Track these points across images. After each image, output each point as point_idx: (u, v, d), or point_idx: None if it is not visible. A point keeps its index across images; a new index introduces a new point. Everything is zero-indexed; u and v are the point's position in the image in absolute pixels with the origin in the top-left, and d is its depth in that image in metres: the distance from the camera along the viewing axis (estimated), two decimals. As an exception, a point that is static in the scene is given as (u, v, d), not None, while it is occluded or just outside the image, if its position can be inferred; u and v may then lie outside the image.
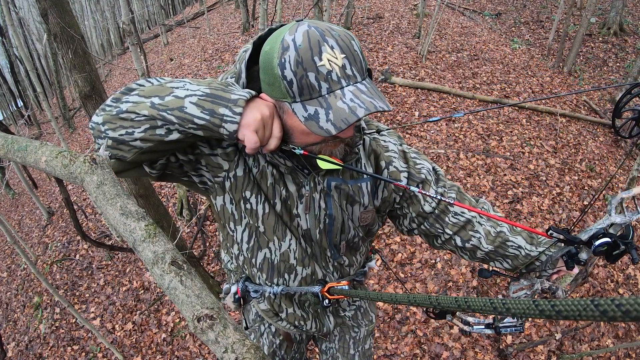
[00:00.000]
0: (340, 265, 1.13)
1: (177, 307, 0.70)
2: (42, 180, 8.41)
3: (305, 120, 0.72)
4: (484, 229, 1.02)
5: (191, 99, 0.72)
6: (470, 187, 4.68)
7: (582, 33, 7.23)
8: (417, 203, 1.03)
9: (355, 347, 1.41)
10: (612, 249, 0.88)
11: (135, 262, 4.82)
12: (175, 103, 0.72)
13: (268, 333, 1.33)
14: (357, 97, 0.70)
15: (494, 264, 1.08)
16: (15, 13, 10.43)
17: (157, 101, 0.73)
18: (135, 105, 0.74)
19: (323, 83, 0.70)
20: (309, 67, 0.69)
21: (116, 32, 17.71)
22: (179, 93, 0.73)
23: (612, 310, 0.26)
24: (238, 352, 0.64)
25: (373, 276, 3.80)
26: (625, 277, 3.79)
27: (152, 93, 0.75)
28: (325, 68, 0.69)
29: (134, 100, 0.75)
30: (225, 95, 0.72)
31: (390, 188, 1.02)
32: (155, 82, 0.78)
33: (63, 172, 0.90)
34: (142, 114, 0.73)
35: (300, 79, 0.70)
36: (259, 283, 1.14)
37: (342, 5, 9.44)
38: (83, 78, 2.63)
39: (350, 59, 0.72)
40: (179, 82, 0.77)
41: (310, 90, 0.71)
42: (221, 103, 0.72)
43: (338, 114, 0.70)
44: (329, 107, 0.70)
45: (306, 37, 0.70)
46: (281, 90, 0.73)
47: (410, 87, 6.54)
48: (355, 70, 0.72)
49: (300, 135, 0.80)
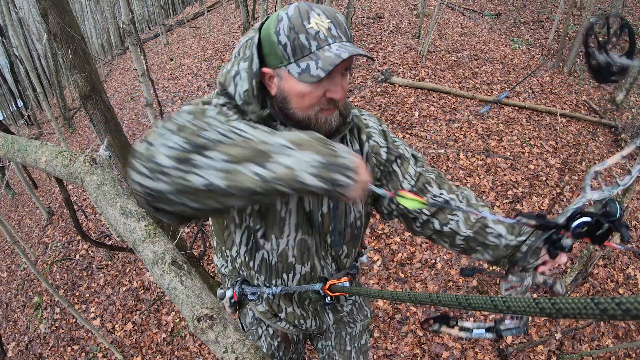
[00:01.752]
0: (338, 256, 1.13)
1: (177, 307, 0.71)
2: (42, 180, 8.41)
3: (299, 75, 0.81)
4: (464, 214, 1.03)
5: (304, 168, 0.67)
6: (470, 187, 4.68)
7: (582, 33, 7.23)
8: (396, 179, 1.06)
9: (352, 343, 1.41)
10: (595, 229, 0.80)
11: (135, 262, 4.82)
12: (287, 175, 0.66)
13: (266, 335, 1.33)
14: (341, 47, 0.80)
15: (475, 255, 1.07)
16: (15, 13, 10.43)
17: (260, 171, 0.65)
18: (230, 176, 0.65)
19: (312, 41, 0.79)
20: (300, 29, 0.79)
21: (116, 32, 17.71)
22: (282, 160, 0.67)
23: (612, 309, 0.26)
24: (238, 352, 0.64)
25: (373, 276, 3.80)
26: (625, 277, 3.79)
27: (244, 158, 0.66)
28: (314, 29, 0.79)
29: (222, 168, 0.65)
30: (336, 160, 0.70)
31: (372, 162, 1.05)
32: (231, 135, 0.68)
33: (63, 172, 0.90)
34: (244, 186, 0.65)
35: (293, 41, 0.79)
36: (257, 284, 1.14)
37: (342, 5, 9.44)
38: (83, 78, 2.63)
39: (335, 24, 0.82)
40: (260, 133, 0.70)
41: (302, 49, 0.80)
42: (335, 169, 0.70)
43: (326, 61, 0.79)
44: (318, 58, 0.79)
45: (297, 8, 0.81)
46: (278, 56, 0.82)
47: (410, 87, 6.54)
48: (340, 32, 0.82)
49: (297, 99, 0.85)
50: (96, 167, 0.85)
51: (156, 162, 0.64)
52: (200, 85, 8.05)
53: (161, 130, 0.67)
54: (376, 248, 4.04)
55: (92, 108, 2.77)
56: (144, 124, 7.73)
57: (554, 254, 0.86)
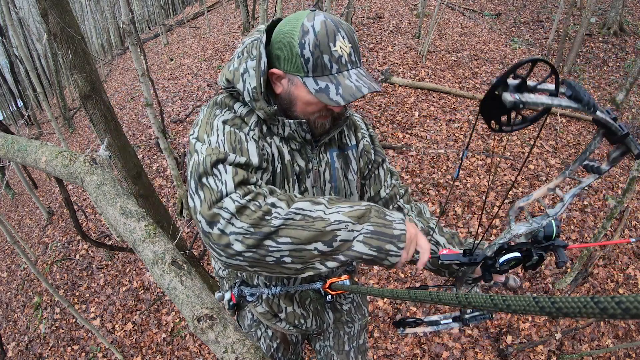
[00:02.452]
0: None
1: (177, 307, 0.71)
2: (42, 180, 8.41)
3: (316, 92, 0.85)
4: (410, 220, 1.12)
5: (358, 238, 0.78)
6: (470, 187, 4.68)
7: (582, 33, 7.23)
8: (379, 184, 1.17)
9: (350, 343, 1.40)
10: (525, 260, 0.80)
11: (135, 262, 4.82)
12: (345, 246, 0.77)
13: (265, 337, 1.32)
14: (360, 79, 0.86)
15: None
16: (15, 13, 10.43)
17: (323, 249, 0.76)
18: (297, 254, 0.76)
19: (334, 64, 0.84)
20: (325, 50, 0.83)
21: (116, 32, 17.71)
22: (343, 235, 0.77)
23: (612, 308, 0.26)
24: (238, 352, 0.64)
25: (373, 276, 3.80)
26: (626, 277, 3.79)
27: (309, 240, 0.75)
28: (338, 53, 0.84)
29: (290, 249, 0.75)
30: (388, 231, 0.79)
31: (365, 160, 1.15)
32: (294, 217, 0.76)
33: (63, 172, 0.90)
34: (308, 261, 0.77)
35: (317, 59, 0.84)
36: (257, 284, 1.14)
37: (342, 5, 9.44)
38: (83, 78, 2.63)
39: (354, 49, 0.87)
40: (320, 208, 0.78)
41: (323, 68, 0.85)
42: (386, 240, 0.79)
43: (347, 90, 0.84)
44: (339, 84, 0.85)
45: (324, 25, 0.84)
46: (296, 66, 0.86)
47: (410, 87, 6.54)
48: (357, 58, 0.88)
49: (302, 105, 0.92)
50: (96, 167, 0.85)
51: (232, 248, 0.74)
52: (200, 85, 8.05)
53: (224, 214, 0.74)
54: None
55: (92, 108, 2.77)
56: (144, 124, 7.73)
57: (489, 278, 0.87)
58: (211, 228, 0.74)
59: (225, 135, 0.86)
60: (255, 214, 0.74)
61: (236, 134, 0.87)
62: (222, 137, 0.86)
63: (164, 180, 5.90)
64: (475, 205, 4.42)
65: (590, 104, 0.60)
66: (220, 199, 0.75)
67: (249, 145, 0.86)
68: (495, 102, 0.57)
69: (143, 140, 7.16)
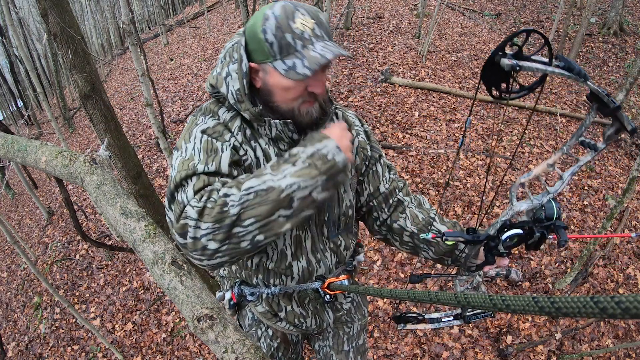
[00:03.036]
0: (337, 246, 1.14)
1: (177, 307, 0.71)
2: (42, 180, 8.41)
3: (285, 72, 0.85)
4: (410, 212, 1.15)
5: (316, 191, 0.81)
6: (470, 187, 4.68)
7: (582, 33, 7.23)
8: (377, 179, 1.17)
9: (349, 343, 1.40)
10: (527, 238, 0.82)
11: (135, 262, 4.82)
12: (306, 202, 0.81)
13: (265, 337, 1.32)
14: (325, 47, 0.85)
15: (422, 254, 1.15)
16: (15, 13, 10.43)
17: (287, 213, 0.80)
18: (266, 229, 0.79)
19: (298, 41, 0.84)
20: (286, 29, 0.84)
21: (116, 32, 17.71)
22: (299, 194, 0.80)
23: (612, 308, 0.26)
24: (238, 352, 0.64)
25: (373, 276, 3.80)
26: (626, 277, 3.79)
27: (270, 212, 0.78)
28: (299, 29, 0.84)
29: (258, 227, 0.78)
30: (334, 166, 0.83)
31: (361, 156, 1.14)
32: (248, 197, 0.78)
33: (63, 172, 0.90)
34: (281, 230, 0.81)
35: (280, 40, 0.84)
36: (256, 283, 1.14)
37: (342, 5, 9.44)
38: (83, 78, 2.63)
39: (319, 24, 0.87)
40: (268, 180, 0.80)
41: (287, 47, 0.85)
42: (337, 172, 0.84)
43: (311, 60, 0.84)
44: (304, 57, 0.84)
45: (283, 8, 0.85)
46: (265, 52, 0.87)
47: (410, 87, 6.54)
48: (323, 32, 0.87)
49: (281, 93, 0.91)
50: (96, 167, 0.85)
51: (208, 249, 0.77)
52: (200, 85, 8.05)
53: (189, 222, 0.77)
54: (376, 248, 4.04)
55: (92, 108, 2.77)
56: (144, 124, 7.73)
57: (492, 260, 0.88)
58: (184, 238, 0.78)
59: (202, 144, 0.89)
60: (214, 211, 0.76)
61: (213, 144, 0.90)
62: (198, 145, 0.89)
63: (164, 180, 5.90)
64: (475, 205, 4.41)
65: (582, 73, 0.65)
66: (184, 210, 0.79)
67: (224, 154, 0.89)
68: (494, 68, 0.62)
69: (143, 140, 7.16)
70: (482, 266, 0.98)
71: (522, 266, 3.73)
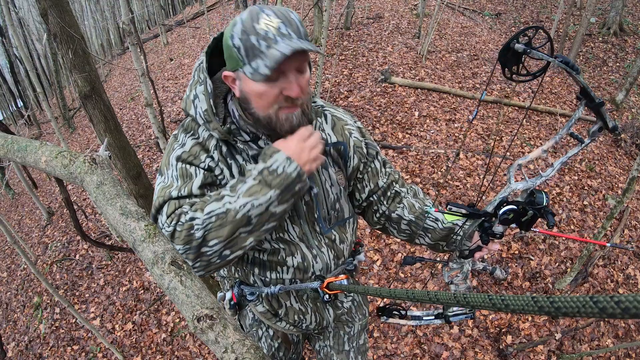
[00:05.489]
0: (332, 241, 1.14)
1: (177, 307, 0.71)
2: (42, 180, 8.41)
3: (252, 75, 0.84)
4: (408, 202, 1.19)
5: (272, 205, 0.86)
6: (470, 187, 4.68)
7: (582, 33, 7.23)
8: (376, 175, 1.17)
9: (350, 343, 1.40)
10: (521, 216, 0.90)
11: (135, 262, 4.82)
12: (264, 217, 0.86)
13: (266, 337, 1.32)
14: (289, 45, 0.81)
15: (418, 240, 1.19)
16: (15, 13, 10.43)
17: (248, 230, 0.86)
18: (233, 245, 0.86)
19: (262, 41, 0.82)
20: (250, 31, 0.82)
21: (116, 32, 17.71)
22: (256, 212, 0.85)
23: (611, 307, 0.26)
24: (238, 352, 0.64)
25: (373, 276, 3.80)
26: (625, 277, 3.79)
27: (232, 231, 0.84)
28: (263, 29, 0.82)
29: (224, 246, 0.86)
30: (285, 177, 0.86)
31: (358, 155, 1.13)
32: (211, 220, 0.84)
33: (63, 172, 0.90)
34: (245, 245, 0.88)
35: (245, 42, 0.83)
36: (254, 282, 1.14)
37: (342, 5, 9.44)
38: (83, 78, 2.63)
39: (286, 23, 0.83)
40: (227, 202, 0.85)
41: (253, 50, 0.83)
42: (290, 182, 0.86)
43: (272, 58, 0.81)
44: (266, 57, 0.82)
45: (249, 11, 0.85)
46: (235, 59, 0.86)
47: (410, 87, 6.54)
48: (290, 31, 0.83)
49: (256, 99, 0.90)
50: (96, 167, 0.85)
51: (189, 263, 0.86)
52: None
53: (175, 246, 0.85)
54: (376, 248, 4.04)
55: (92, 108, 2.77)
56: (144, 124, 7.73)
57: (486, 239, 0.95)
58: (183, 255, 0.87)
59: (178, 171, 0.94)
60: (182, 234, 0.83)
61: (187, 170, 0.94)
62: (175, 173, 0.95)
63: (164, 180, 5.89)
64: (476, 205, 4.42)
65: (575, 67, 0.80)
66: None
67: (196, 179, 0.93)
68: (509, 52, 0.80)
69: (143, 140, 7.16)
70: (475, 251, 1.02)
71: (522, 266, 3.73)
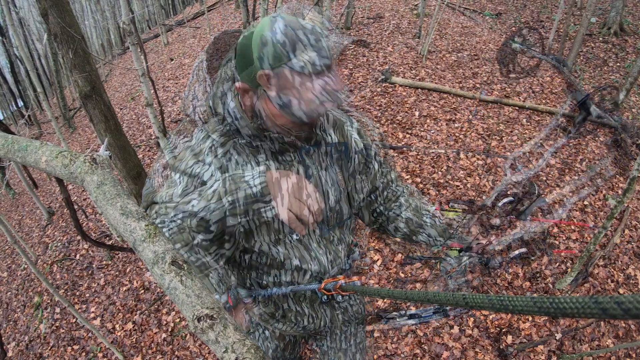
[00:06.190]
0: (331, 243, 1.13)
1: (178, 307, 0.71)
2: (42, 180, 8.41)
3: (280, 107, 0.83)
4: (404, 200, 1.23)
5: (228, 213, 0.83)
6: (470, 187, 4.68)
7: (582, 33, 7.23)
8: (374, 176, 1.20)
9: (347, 342, 1.40)
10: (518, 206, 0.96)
11: (135, 262, 4.82)
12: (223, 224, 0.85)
13: (263, 339, 1.33)
14: (324, 90, 0.81)
15: (416, 238, 1.21)
16: (15, 13, 10.43)
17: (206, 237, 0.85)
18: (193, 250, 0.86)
19: (296, 77, 0.80)
20: (285, 62, 0.79)
21: (116, 32, 17.71)
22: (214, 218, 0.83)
23: (612, 308, 0.26)
24: (238, 352, 0.64)
25: (373, 276, 3.80)
26: (626, 277, 3.79)
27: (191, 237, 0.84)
28: (298, 64, 0.79)
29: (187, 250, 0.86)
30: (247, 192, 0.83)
31: (360, 158, 1.15)
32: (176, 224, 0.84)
33: (63, 172, 0.90)
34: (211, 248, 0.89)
35: (277, 73, 0.80)
36: (250, 284, 1.14)
37: (342, 5, 9.44)
38: (83, 78, 2.63)
39: (320, 54, 0.81)
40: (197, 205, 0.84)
41: (285, 81, 0.80)
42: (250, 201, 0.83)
43: (309, 105, 0.80)
44: (301, 98, 0.80)
45: (283, 34, 0.79)
46: (277, 56, 0.81)
47: (411, 87, 6.54)
48: (323, 65, 0.81)
49: (272, 118, 0.90)
50: (96, 167, 0.85)
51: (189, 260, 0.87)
52: (201, 85, 8.03)
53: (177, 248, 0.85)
54: (376, 248, 4.04)
55: (92, 108, 2.77)
56: (144, 124, 7.73)
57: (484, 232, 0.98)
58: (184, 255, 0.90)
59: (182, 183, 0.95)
60: (182, 238, 0.84)
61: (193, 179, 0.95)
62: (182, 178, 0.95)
63: (164, 180, 5.89)
64: (475, 201, 4.42)
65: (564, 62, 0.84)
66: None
67: None
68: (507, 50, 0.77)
69: (143, 140, 7.16)
70: (471, 245, 1.06)
71: (522, 266, 3.73)
